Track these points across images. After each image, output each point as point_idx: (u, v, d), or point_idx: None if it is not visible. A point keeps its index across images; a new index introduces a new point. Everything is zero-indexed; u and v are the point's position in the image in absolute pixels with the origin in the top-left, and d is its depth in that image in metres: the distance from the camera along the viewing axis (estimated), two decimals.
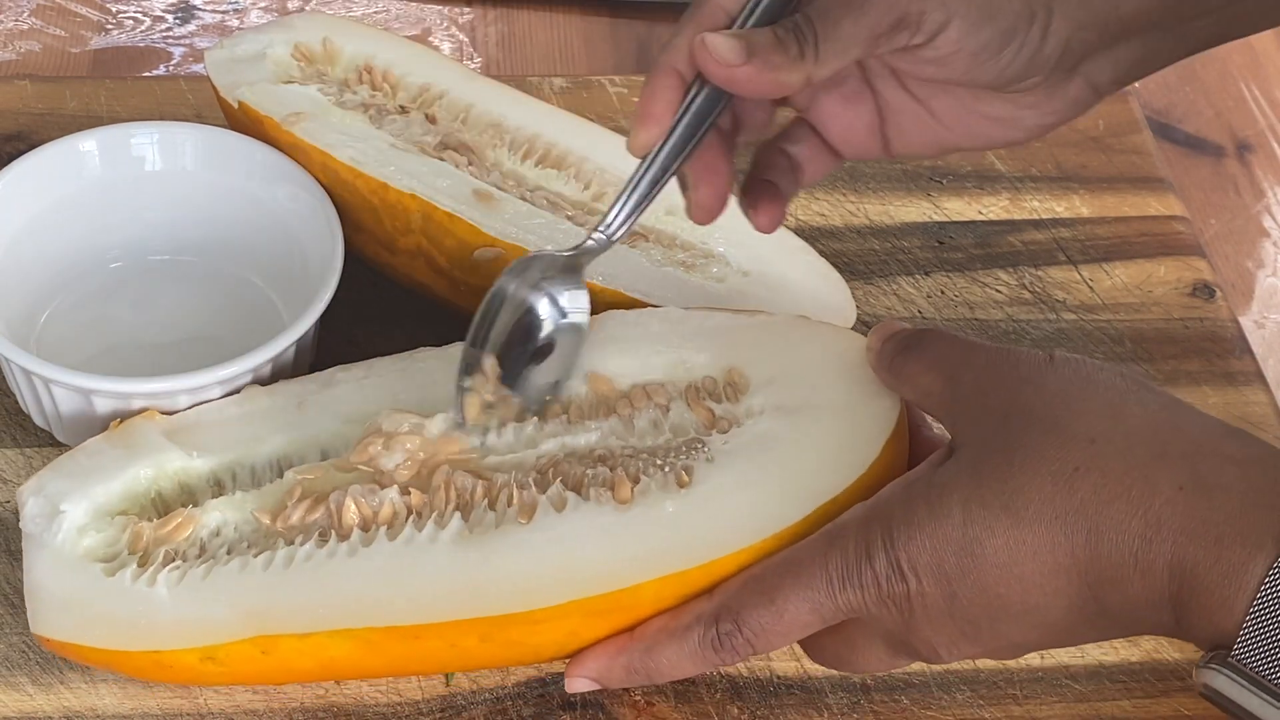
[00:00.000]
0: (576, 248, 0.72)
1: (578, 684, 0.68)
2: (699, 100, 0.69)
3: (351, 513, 0.69)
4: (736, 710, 0.73)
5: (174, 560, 0.69)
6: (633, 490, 0.68)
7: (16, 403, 0.82)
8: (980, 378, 0.64)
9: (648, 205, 0.71)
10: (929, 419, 0.72)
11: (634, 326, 0.75)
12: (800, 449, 0.68)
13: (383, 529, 0.68)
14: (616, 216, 0.71)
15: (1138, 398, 0.62)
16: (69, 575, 0.69)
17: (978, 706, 0.74)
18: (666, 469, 0.69)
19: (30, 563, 0.70)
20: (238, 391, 0.76)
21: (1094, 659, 0.76)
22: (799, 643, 0.68)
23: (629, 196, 0.71)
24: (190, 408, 0.75)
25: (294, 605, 0.67)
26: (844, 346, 0.71)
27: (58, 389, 0.76)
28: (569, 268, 0.72)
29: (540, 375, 0.72)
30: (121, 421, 0.74)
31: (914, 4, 0.66)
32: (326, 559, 0.68)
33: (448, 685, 0.74)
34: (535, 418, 0.72)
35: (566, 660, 0.68)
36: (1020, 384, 0.63)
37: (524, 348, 0.72)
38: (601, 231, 0.71)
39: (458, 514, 0.68)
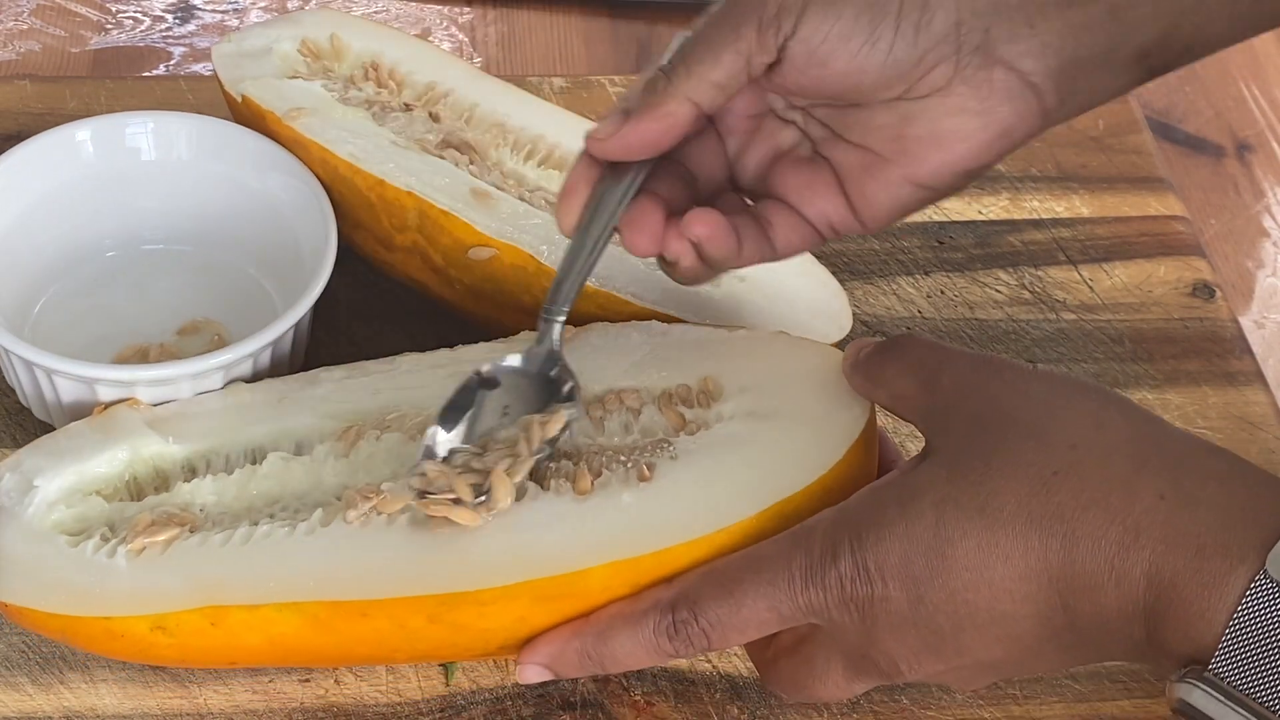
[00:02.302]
0: (538, 344, 0.72)
1: (530, 672, 0.66)
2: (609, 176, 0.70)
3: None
4: (736, 710, 0.73)
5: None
6: (593, 483, 0.68)
7: (16, 401, 0.82)
8: (960, 381, 0.64)
9: (587, 275, 0.71)
10: (901, 453, 0.73)
11: (615, 337, 0.75)
12: (763, 449, 0.68)
13: (344, 510, 0.69)
14: (562, 295, 0.71)
15: (1120, 410, 0.62)
16: (34, 544, 0.69)
17: (977, 706, 0.74)
18: (630, 465, 0.69)
19: None
20: (237, 380, 0.76)
21: None
22: (756, 667, 0.67)
23: (567, 273, 0.71)
24: (174, 400, 0.75)
25: (244, 577, 0.67)
26: (822, 361, 0.71)
27: (60, 379, 0.76)
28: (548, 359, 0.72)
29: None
30: (106, 407, 0.74)
31: (768, 4, 0.66)
32: (285, 538, 0.68)
33: (448, 685, 0.74)
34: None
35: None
36: (1003, 389, 0.63)
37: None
38: (551, 317, 0.72)
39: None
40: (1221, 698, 0.56)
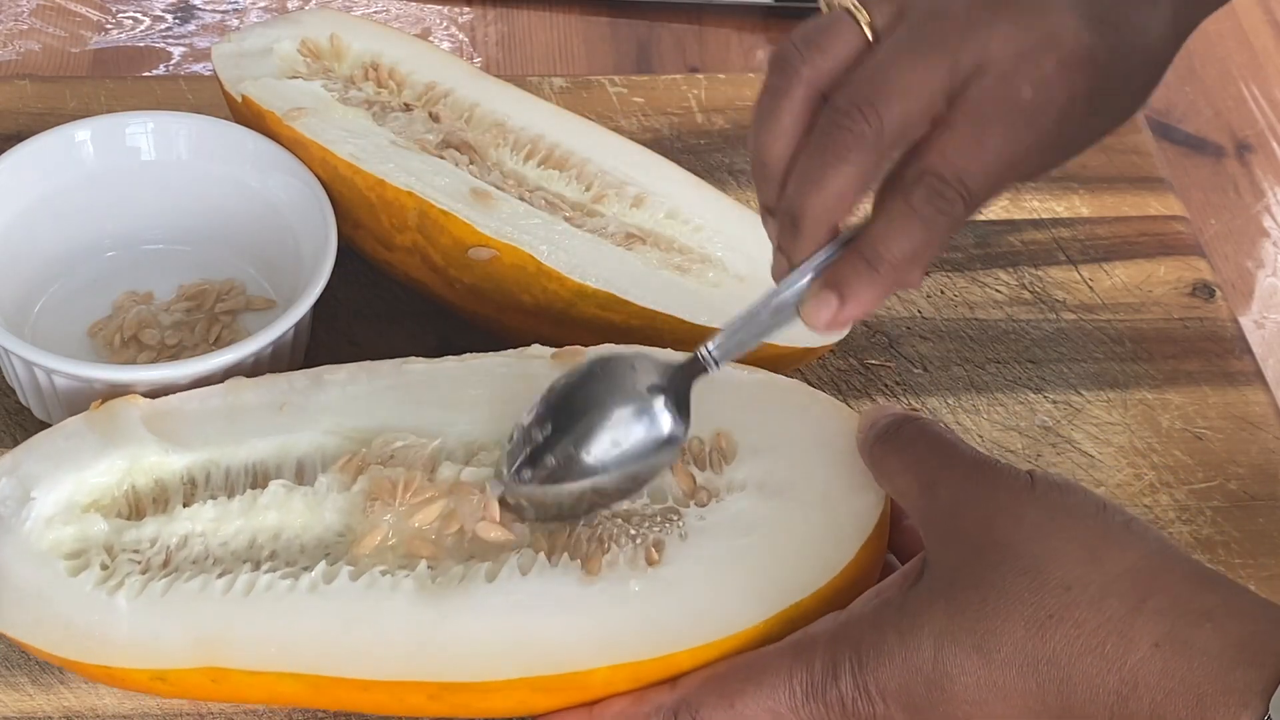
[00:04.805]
0: (683, 365, 0.68)
1: None
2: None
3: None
4: None
5: (139, 567, 0.69)
6: (601, 562, 0.67)
7: (16, 401, 0.82)
8: (957, 495, 0.63)
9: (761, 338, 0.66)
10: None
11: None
12: (774, 543, 0.67)
13: (347, 567, 0.68)
14: (726, 341, 0.67)
15: (1117, 539, 0.61)
16: (32, 569, 0.68)
17: None
18: (638, 541, 0.68)
19: None
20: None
21: None
22: None
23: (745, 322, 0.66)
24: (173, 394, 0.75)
25: (245, 640, 0.66)
26: (837, 423, 0.70)
27: (59, 379, 0.76)
28: (679, 387, 0.68)
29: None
30: (103, 402, 0.73)
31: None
32: (286, 593, 0.67)
33: None
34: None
35: None
36: (998, 512, 0.62)
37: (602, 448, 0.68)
38: (709, 351, 0.67)
39: (424, 561, 0.68)
40: None
